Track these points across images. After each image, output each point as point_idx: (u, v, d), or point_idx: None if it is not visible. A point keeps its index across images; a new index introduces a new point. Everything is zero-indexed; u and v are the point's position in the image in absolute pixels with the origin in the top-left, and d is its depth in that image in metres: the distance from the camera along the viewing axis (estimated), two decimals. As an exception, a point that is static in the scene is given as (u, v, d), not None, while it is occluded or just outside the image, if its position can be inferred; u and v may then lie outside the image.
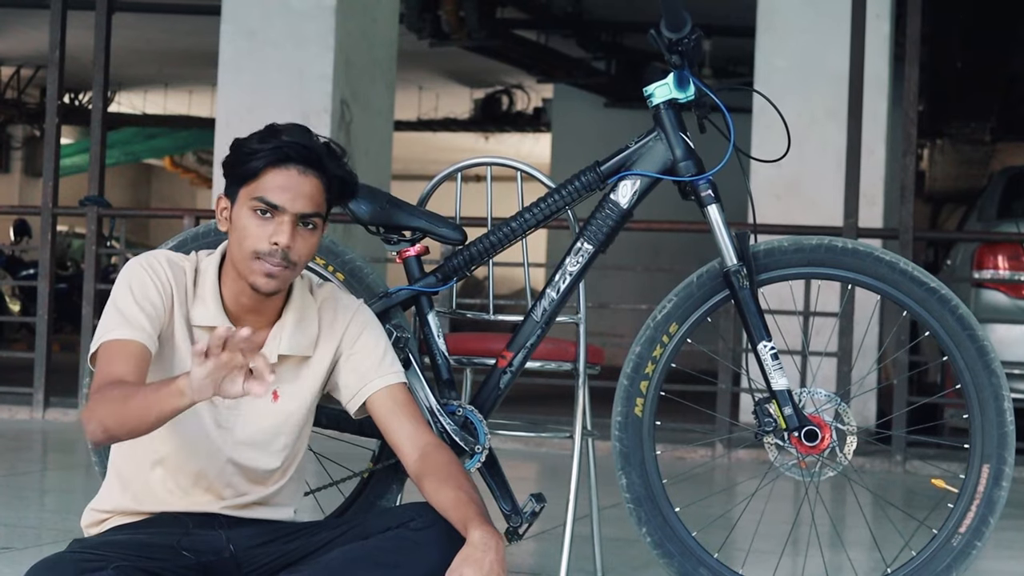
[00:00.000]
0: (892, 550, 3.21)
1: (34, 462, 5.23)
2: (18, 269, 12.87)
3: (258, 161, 2.32)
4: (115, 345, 2.26)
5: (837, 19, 6.53)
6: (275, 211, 2.31)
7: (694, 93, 2.75)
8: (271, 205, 2.31)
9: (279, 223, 2.31)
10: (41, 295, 6.60)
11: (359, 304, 2.52)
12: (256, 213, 2.32)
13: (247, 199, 2.33)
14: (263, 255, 2.31)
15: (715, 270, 2.77)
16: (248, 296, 2.37)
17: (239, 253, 2.33)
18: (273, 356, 2.38)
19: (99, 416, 2.17)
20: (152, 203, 22.23)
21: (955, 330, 2.70)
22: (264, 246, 2.31)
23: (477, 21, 10.86)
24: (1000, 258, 6.38)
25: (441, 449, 2.41)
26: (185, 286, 2.36)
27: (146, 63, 14.80)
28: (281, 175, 2.32)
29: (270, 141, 2.34)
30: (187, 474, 2.37)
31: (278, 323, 2.41)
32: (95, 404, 2.18)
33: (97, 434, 2.18)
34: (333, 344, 2.45)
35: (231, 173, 2.36)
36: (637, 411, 2.79)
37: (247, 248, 2.32)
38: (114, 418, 2.15)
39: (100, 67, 6.68)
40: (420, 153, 18.57)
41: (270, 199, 2.31)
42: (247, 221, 2.32)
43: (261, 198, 2.31)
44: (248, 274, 2.33)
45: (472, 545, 2.20)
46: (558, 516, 3.02)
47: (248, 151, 2.34)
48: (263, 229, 2.31)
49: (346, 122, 7.45)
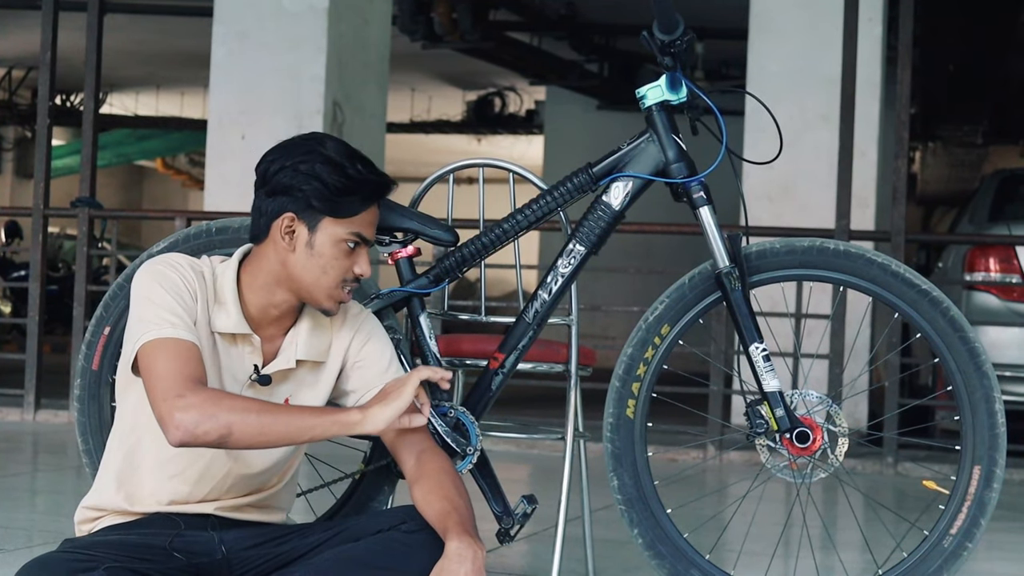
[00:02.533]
0: (883, 551, 3.22)
1: (25, 463, 5.22)
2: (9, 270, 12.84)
3: (363, 201, 2.35)
4: (172, 344, 2.23)
5: (830, 22, 6.54)
6: (362, 244, 2.37)
7: (686, 95, 2.75)
8: (366, 241, 2.37)
9: (361, 254, 2.37)
10: (32, 296, 6.59)
11: (367, 312, 2.53)
12: (347, 245, 2.35)
13: (341, 230, 2.34)
14: (348, 285, 2.37)
15: (707, 272, 2.77)
16: (281, 309, 2.38)
17: (322, 280, 2.34)
18: (291, 362, 2.39)
19: (226, 420, 2.16)
20: (144, 205, 22.21)
21: (946, 332, 2.71)
22: (350, 276, 2.37)
23: (470, 23, 10.87)
24: (991, 261, 6.40)
25: (435, 455, 2.42)
26: (206, 290, 2.36)
27: (138, 64, 14.78)
28: (372, 212, 2.39)
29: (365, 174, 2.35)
30: (186, 479, 2.37)
31: (293, 329, 2.41)
32: (215, 404, 2.16)
33: (210, 435, 2.17)
34: (341, 351, 2.46)
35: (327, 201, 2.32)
36: (629, 413, 2.79)
37: (334, 278, 2.35)
38: (247, 427, 2.17)
39: (92, 68, 6.67)
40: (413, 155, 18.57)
41: (365, 235, 2.37)
42: (337, 251, 2.34)
43: (359, 234, 2.35)
44: (324, 300, 2.36)
45: (447, 557, 2.21)
46: (550, 518, 3.02)
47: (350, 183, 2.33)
48: (350, 260, 2.36)
49: (338, 124, 7.45)
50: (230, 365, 2.35)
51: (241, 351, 2.36)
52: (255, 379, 2.36)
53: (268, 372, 2.37)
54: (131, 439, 2.38)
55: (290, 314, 2.40)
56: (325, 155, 2.34)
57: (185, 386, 2.18)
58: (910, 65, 5.94)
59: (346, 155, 2.36)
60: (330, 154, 2.34)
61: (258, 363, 2.37)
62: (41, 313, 6.59)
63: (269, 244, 2.36)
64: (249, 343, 2.36)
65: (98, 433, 2.85)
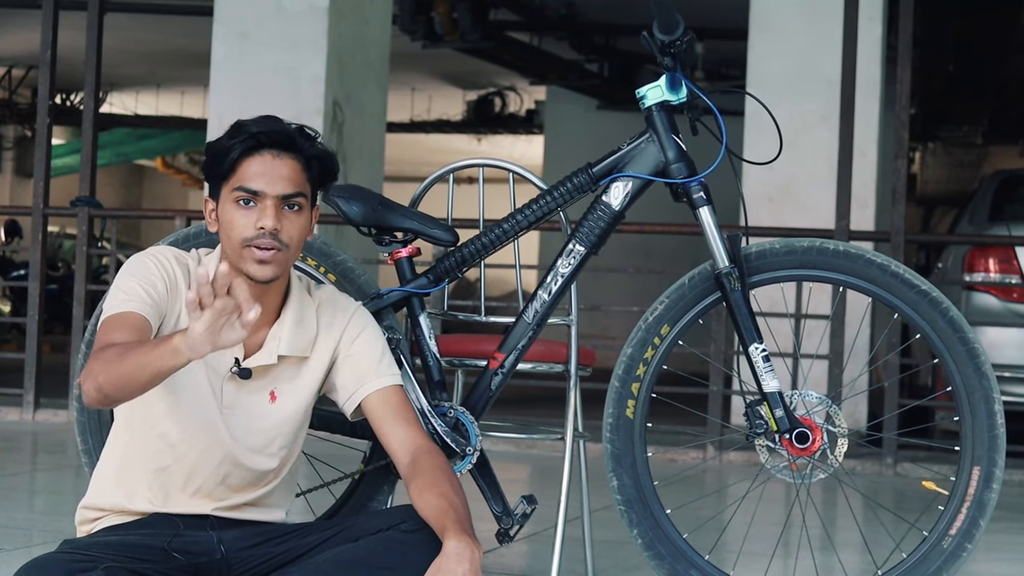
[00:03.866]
0: (883, 552, 3.22)
1: (24, 463, 5.22)
2: (9, 270, 12.85)
3: (232, 154, 2.35)
4: (115, 318, 2.28)
5: (830, 22, 6.53)
6: (256, 197, 2.34)
7: (686, 95, 2.75)
8: (251, 192, 2.34)
9: (262, 208, 2.34)
10: (32, 296, 6.59)
11: (357, 306, 2.52)
12: (239, 204, 2.34)
13: (229, 193, 2.36)
14: (252, 242, 2.33)
15: (707, 272, 2.77)
16: (253, 291, 2.36)
17: (230, 247, 2.35)
18: (273, 357, 2.39)
19: (94, 375, 2.16)
20: (143, 204, 22.20)
21: (946, 332, 2.71)
22: (251, 232, 2.33)
23: (470, 23, 10.87)
24: (991, 261, 6.39)
25: (431, 453, 2.41)
26: (190, 281, 2.36)
27: (138, 64, 14.78)
28: (256, 162, 2.35)
29: (239, 134, 2.36)
30: (182, 473, 2.37)
31: (277, 323, 2.41)
32: (91, 365, 2.18)
33: (91, 394, 2.17)
34: (331, 345, 2.45)
35: (211, 174, 2.39)
36: (628, 413, 2.79)
37: (236, 239, 2.34)
38: (108, 376, 2.14)
39: (92, 68, 6.67)
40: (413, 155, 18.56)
41: (249, 186, 2.34)
42: (232, 214, 2.35)
43: (240, 187, 2.34)
44: (243, 265, 2.34)
45: (445, 556, 2.21)
46: (549, 518, 3.02)
47: (221, 148, 2.36)
48: (248, 218, 2.34)
49: (339, 123, 7.45)
50: (211, 357, 2.34)
51: None
52: (235, 372, 2.36)
53: (249, 366, 2.37)
54: (125, 436, 2.40)
55: (267, 302, 2.38)
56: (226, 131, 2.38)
57: (93, 355, 2.20)
58: (910, 65, 5.93)
59: (240, 123, 2.38)
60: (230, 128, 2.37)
61: (239, 356, 2.37)
62: (41, 312, 6.59)
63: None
64: None
65: (97, 433, 2.85)
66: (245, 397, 2.39)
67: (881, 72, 6.94)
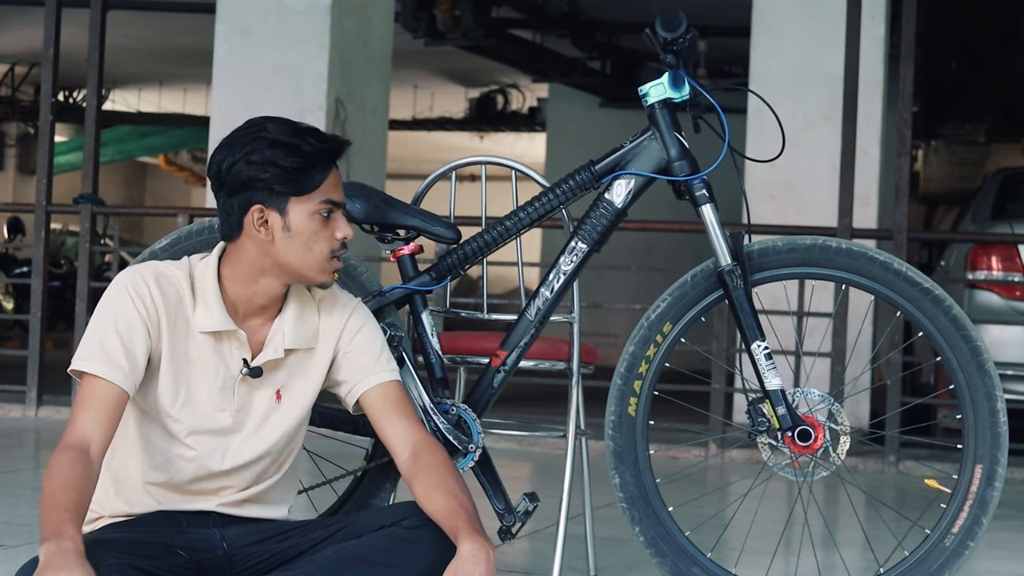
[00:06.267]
0: (885, 550, 3.22)
1: (27, 460, 5.23)
2: (11, 267, 12.86)
3: (322, 171, 2.34)
4: (93, 384, 2.24)
5: (832, 20, 6.53)
6: (335, 208, 2.37)
7: (689, 93, 2.75)
8: (336, 204, 2.36)
9: (336, 219, 2.37)
10: (34, 293, 6.59)
11: (357, 302, 2.52)
12: (321, 215, 2.35)
13: (312, 203, 2.33)
14: (336, 253, 2.37)
15: (709, 270, 2.77)
16: (267, 296, 2.37)
17: (308, 257, 2.34)
18: (279, 351, 2.39)
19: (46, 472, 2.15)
20: (146, 201, 22.21)
21: (949, 331, 2.70)
22: (336, 244, 2.37)
23: (473, 20, 10.86)
24: (994, 259, 6.39)
25: (433, 449, 2.41)
26: (179, 299, 2.35)
27: (141, 61, 14.79)
28: (334, 173, 2.38)
29: (311, 142, 2.33)
30: (184, 480, 2.37)
31: (278, 318, 2.41)
32: (51, 466, 2.16)
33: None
34: (332, 341, 2.46)
35: (290, 182, 2.32)
36: (631, 410, 2.79)
37: (322, 251, 2.35)
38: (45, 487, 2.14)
39: (94, 65, 6.67)
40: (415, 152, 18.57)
41: (336, 199, 2.36)
42: (314, 224, 2.34)
43: (329, 200, 2.35)
44: (317, 275, 2.36)
45: (462, 558, 2.20)
46: (551, 515, 3.02)
47: (306, 159, 2.32)
48: (328, 229, 2.36)
49: (341, 121, 7.45)
50: (219, 363, 2.35)
51: (229, 347, 2.36)
52: (246, 373, 2.36)
53: (257, 364, 2.37)
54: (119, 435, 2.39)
55: (275, 302, 2.39)
56: (271, 139, 2.32)
57: (67, 443, 2.19)
58: (913, 63, 5.93)
59: (292, 132, 2.35)
60: (276, 137, 2.33)
61: (247, 357, 2.37)
62: (43, 309, 6.59)
63: (245, 239, 2.35)
64: (235, 339, 2.36)
65: (100, 430, 2.85)
66: (254, 397, 2.39)
67: (884, 70, 6.93)
